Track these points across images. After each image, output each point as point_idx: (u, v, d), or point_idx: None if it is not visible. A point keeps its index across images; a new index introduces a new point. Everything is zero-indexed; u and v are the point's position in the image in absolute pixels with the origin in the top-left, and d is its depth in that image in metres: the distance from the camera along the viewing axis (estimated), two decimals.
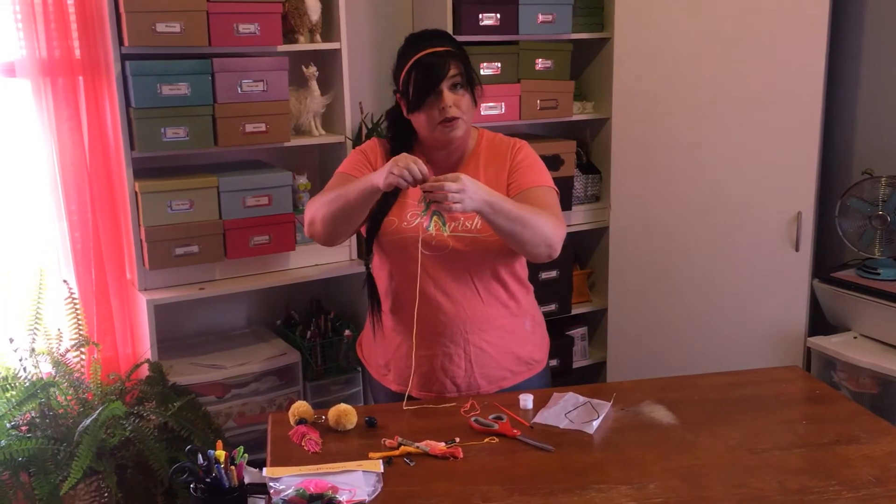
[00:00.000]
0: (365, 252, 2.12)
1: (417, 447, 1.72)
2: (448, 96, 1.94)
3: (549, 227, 1.93)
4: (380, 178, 1.84)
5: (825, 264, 3.12)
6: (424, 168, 1.81)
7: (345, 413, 1.83)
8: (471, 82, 1.99)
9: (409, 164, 1.80)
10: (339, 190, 1.95)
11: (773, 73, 2.96)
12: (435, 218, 1.83)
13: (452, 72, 1.95)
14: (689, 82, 3.09)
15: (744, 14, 2.98)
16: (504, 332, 2.07)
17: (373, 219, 2.03)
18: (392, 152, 2.04)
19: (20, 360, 2.51)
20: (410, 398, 1.97)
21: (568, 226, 3.35)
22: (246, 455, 1.65)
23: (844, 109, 3.14)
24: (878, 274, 2.85)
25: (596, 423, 1.82)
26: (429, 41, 2.00)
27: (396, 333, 2.10)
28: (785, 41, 2.93)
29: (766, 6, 2.95)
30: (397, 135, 2.08)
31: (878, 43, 3.02)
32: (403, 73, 1.98)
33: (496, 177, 2.05)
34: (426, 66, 1.94)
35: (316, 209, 1.99)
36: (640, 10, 3.14)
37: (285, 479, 1.58)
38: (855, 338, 2.89)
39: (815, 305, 3.05)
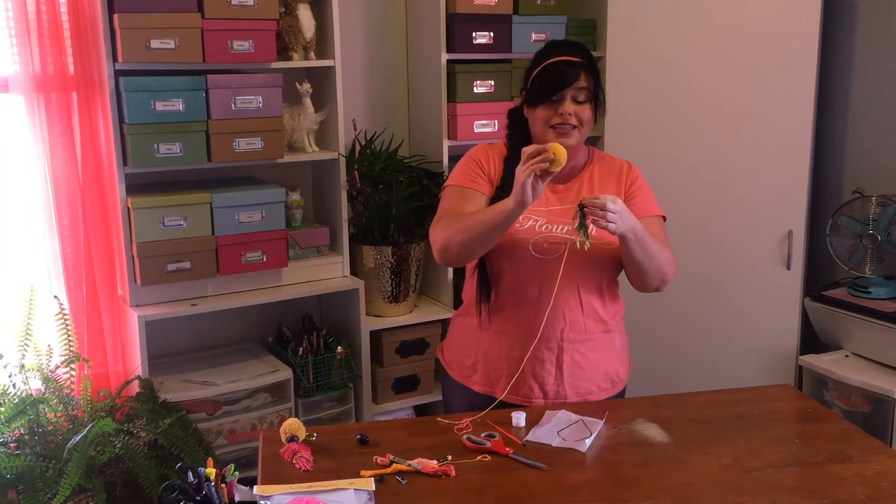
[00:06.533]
0: None
1: (409, 465, 1.71)
2: (569, 104, 1.98)
3: (668, 265, 2.02)
4: (521, 197, 1.80)
5: (816, 283, 3.13)
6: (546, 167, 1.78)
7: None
8: (596, 98, 2.03)
9: (536, 176, 1.77)
10: (475, 218, 1.94)
11: (763, 92, 2.99)
12: (581, 232, 1.86)
13: (582, 83, 1.99)
14: (681, 101, 3.11)
15: (735, 33, 3.01)
16: (596, 345, 2.09)
17: None
18: (509, 150, 2.07)
19: (9, 376, 2.50)
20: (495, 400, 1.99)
21: None
22: (237, 473, 1.64)
23: (835, 129, 3.16)
24: (869, 293, 2.87)
25: (589, 442, 1.81)
26: (568, 49, 2.04)
27: (490, 333, 2.10)
28: (776, 61, 2.96)
29: (756, 26, 2.98)
30: (515, 133, 2.10)
31: (868, 63, 3.05)
32: (536, 71, 2.02)
33: (615, 195, 2.03)
34: (558, 70, 1.99)
35: (450, 236, 1.97)
36: (633, 29, 3.16)
37: (276, 498, 1.57)
38: (846, 356, 2.90)
39: (806, 324, 3.06)
